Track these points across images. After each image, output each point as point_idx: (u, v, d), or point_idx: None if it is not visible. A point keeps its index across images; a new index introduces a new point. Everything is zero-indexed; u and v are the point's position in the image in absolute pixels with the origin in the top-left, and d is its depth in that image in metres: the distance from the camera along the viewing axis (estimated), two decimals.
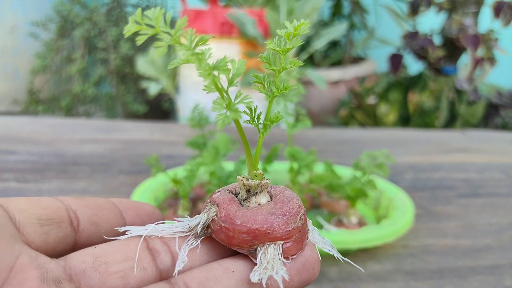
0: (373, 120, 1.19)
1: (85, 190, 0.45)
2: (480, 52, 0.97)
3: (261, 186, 0.16)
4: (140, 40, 0.13)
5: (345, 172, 0.43)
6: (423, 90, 1.12)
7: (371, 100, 1.17)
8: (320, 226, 0.37)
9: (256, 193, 0.16)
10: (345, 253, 0.35)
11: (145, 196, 0.38)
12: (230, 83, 0.14)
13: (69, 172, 0.50)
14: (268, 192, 0.16)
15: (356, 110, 1.21)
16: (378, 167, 0.34)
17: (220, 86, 0.14)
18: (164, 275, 0.15)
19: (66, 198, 0.16)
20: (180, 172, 0.41)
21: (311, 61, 1.65)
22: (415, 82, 1.14)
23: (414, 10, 1.04)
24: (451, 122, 1.11)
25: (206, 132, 0.40)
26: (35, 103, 1.56)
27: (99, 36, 1.51)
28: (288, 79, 0.35)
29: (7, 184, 0.46)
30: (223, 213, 0.15)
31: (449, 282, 0.32)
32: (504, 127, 1.13)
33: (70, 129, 0.68)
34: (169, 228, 0.15)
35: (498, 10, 0.94)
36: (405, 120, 1.14)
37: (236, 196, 0.16)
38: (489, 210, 0.44)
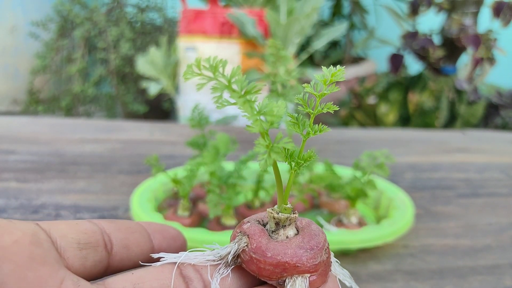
0: (373, 120, 1.19)
1: (85, 190, 0.45)
2: (480, 52, 0.97)
3: (289, 219, 0.16)
4: (199, 87, 0.14)
5: (345, 172, 0.43)
6: (423, 90, 1.12)
7: (371, 100, 1.17)
8: (320, 226, 0.37)
9: (285, 226, 0.16)
10: (345, 253, 0.35)
11: (145, 196, 0.38)
12: (271, 124, 0.14)
13: (69, 172, 0.50)
14: (295, 225, 0.17)
15: (356, 110, 1.21)
16: (378, 167, 0.34)
17: (263, 130, 0.14)
18: None
19: (100, 221, 0.17)
20: (180, 172, 0.41)
21: (311, 61, 1.66)
22: (415, 82, 1.14)
23: (414, 10, 1.04)
24: (451, 122, 1.11)
25: (206, 132, 0.40)
26: (35, 103, 1.56)
27: (99, 36, 1.51)
28: (289, 79, 0.35)
29: (7, 184, 0.46)
30: (254, 245, 0.15)
31: (449, 282, 0.32)
32: (504, 127, 1.13)
33: (70, 129, 0.68)
34: (201, 256, 0.16)
35: (498, 11, 0.93)
36: (405, 120, 1.14)
37: (264, 227, 0.17)
38: (489, 210, 0.44)
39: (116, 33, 1.50)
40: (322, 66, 0.17)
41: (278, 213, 0.16)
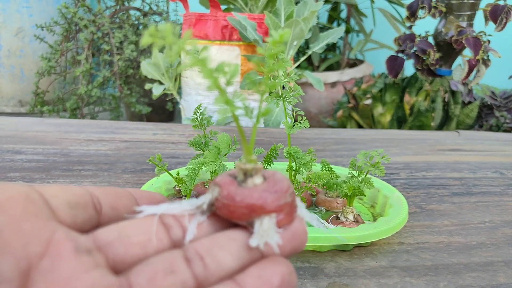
0: (370, 121, 1.19)
1: None
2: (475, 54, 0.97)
3: (255, 169, 0.18)
4: (155, 47, 0.16)
5: (342, 172, 0.44)
6: (419, 92, 1.13)
7: (367, 101, 1.18)
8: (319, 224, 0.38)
9: (252, 175, 0.18)
10: (342, 249, 0.36)
11: None
12: (228, 83, 0.16)
13: (75, 171, 0.51)
14: (262, 175, 0.19)
15: (353, 112, 1.22)
16: (374, 166, 0.35)
17: (219, 86, 0.16)
18: (177, 245, 0.17)
19: (89, 187, 0.18)
20: (182, 171, 0.42)
21: (309, 64, 1.67)
22: (411, 83, 1.15)
23: (413, 13, 1.05)
24: (446, 123, 1.11)
25: (208, 132, 0.41)
26: (40, 104, 1.58)
27: (103, 39, 1.53)
28: (287, 81, 0.36)
29: (14, 182, 0.47)
30: (225, 192, 0.17)
31: (443, 279, 0.32)
32: (499, 127, 1.14)
33: (75, 129, 0.69)
34: (179, 207, 0.18)
35: (494, 15, 0.94)
36: (401, 121, 1.15)
37: (235, 179, 0.18)
38: (482, 209, 0.45)
39: (120, 36, 1.51)
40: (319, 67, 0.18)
41: (245, 165, 0.18)
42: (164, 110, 1.86)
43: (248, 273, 0.16)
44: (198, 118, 0.40)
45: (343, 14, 1.74)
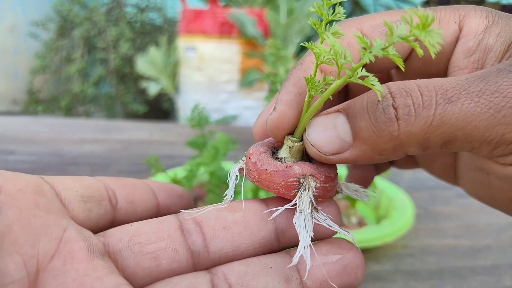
0: None
1: None
2: None
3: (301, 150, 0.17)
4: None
5: (345, 172, 0.43)
6: None
7: None
8: None
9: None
10: None
11: None
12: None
13: (69, 172, 0.50)
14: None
15: None
16: None
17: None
18: (196, 257, 0.15)
19: (104, 178, 0.17)
20: (179, 172, 0.41)
21: None
22: None
23: None
24: None
25: (206, 132, 0.40)
26: (34, 103, 1.56)
27: (99, 36, 1.51)
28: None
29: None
30: (255, 159, 0.16)
31: (448, 283, 0.32)
32: None
33: (69, 129, 0.68)
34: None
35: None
36: None
37: (273, 152, 0.17)
38: (488, 211, 0.44)
39: (115, 33, 1.50)
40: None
41: (294, 142, 0.16)
42: (160, 108, 1.85)
43: None
44: (196, 117, 0.38)
45: (346, 11, 1.73)
